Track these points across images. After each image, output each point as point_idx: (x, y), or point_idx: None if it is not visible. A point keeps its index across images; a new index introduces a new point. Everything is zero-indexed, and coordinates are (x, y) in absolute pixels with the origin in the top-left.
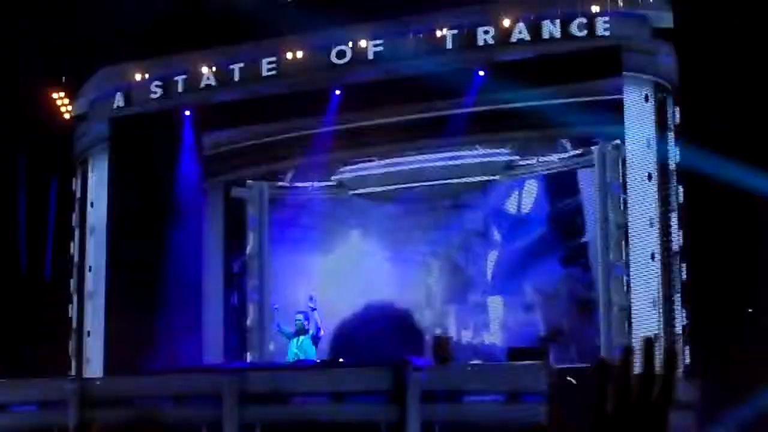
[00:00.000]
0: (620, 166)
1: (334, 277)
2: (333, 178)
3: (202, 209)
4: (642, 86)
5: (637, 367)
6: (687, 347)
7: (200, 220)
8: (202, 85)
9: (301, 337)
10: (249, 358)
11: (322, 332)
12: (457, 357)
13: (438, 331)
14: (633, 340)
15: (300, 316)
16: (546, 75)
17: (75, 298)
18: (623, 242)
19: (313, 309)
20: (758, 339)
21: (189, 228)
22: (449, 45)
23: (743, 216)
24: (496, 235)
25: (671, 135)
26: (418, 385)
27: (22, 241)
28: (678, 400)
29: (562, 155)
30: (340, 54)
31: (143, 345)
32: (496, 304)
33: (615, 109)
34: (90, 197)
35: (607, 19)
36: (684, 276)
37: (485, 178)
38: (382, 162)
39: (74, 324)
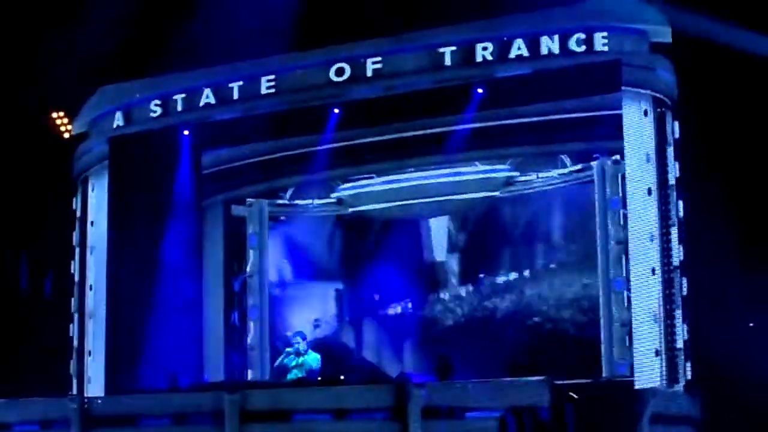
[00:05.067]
0: (620, 181)
1: None
2: (333, 195)
3: (201, 228)
4: (641, 101)
5: None
6: (688, 362)
7: (200, 238)
8: (202, 103)
9: (299, 359)
10: (250, 375)
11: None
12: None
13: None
14: (633, 355)
15: (298, 338)
16: (545, 90)
17: (76, 317)
18: (623, 257)
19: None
20: (760, 354)
21: (189, 247)
22: (448, 61)
23: (743, 229)
24: None
25: (671, 150)
26: (420, 401)
27: (22, 261)
28: (680, 415)
29: (562, 171)
30: (339, 71)
31: (143, 363)
32: None
33: (614, 124)
34: (90, 216)
35: (605, 34)
36: (684, 291)
37: (485, 194)
38: (382, 179)
39: (75, 343)
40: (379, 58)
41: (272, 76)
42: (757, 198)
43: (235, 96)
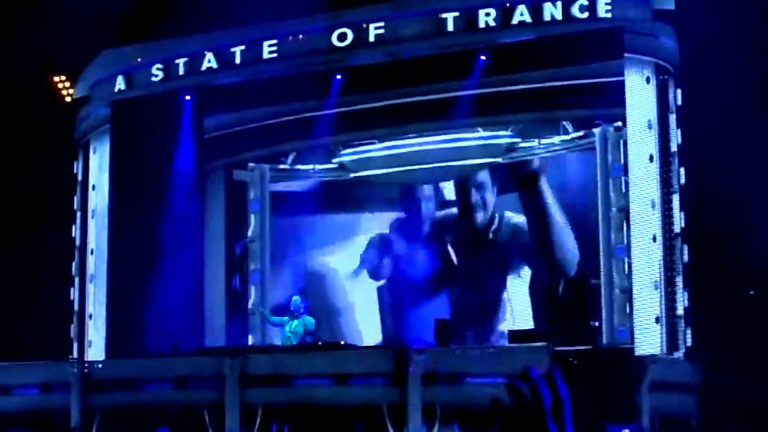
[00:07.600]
0: (621, 148)
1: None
2: (334, 160)
3: (203, 192)
4: (643, 68)
5: None
6: (688, 329)
7: (201, 203)
8: (204, 67)
9: (294, 322)
10: (251, 340)
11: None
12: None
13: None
14: (634, 322)
15: (297, 298)
16: (547, 57)
17: (77, 281)
18: (624, 224)
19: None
20: (760, 321)
21: (190, 211)
22: (450, 27)
23: (745, 197)
24: None
25: (672, 117)
26: (420, 366)
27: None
28: (679, 382)
29: (564, 137)
30: (342, 36)
31: (144, 328)
32: None
33: (616, 91)
34: (91, 180)
35: (608, 0)
36: (685, 258)
37: (487, 160)
38: (384, 144)
39: (76, 307)
40: (381, 24)
41: (274, 41)
42: (755, 165)
43: (237, 60)
